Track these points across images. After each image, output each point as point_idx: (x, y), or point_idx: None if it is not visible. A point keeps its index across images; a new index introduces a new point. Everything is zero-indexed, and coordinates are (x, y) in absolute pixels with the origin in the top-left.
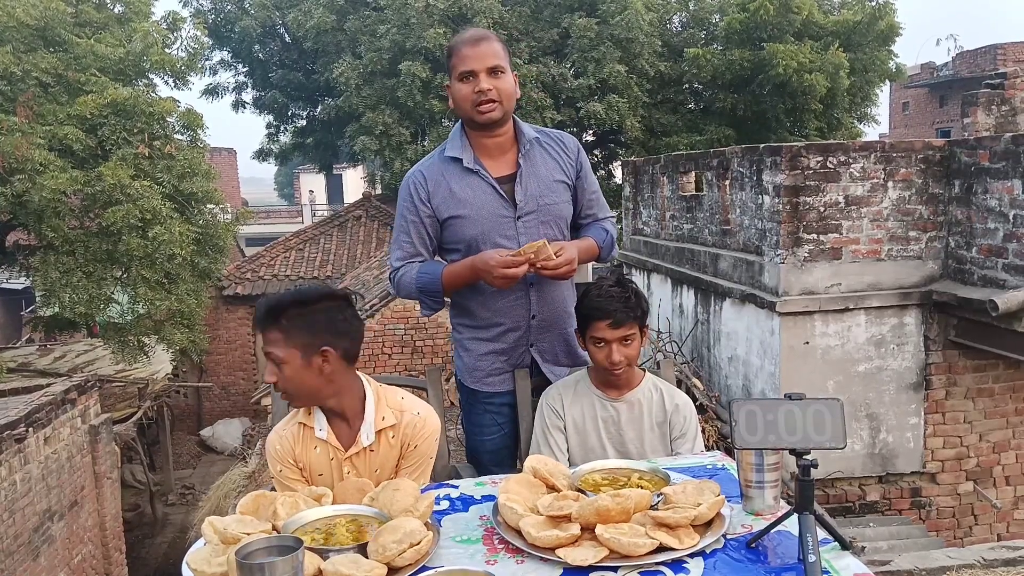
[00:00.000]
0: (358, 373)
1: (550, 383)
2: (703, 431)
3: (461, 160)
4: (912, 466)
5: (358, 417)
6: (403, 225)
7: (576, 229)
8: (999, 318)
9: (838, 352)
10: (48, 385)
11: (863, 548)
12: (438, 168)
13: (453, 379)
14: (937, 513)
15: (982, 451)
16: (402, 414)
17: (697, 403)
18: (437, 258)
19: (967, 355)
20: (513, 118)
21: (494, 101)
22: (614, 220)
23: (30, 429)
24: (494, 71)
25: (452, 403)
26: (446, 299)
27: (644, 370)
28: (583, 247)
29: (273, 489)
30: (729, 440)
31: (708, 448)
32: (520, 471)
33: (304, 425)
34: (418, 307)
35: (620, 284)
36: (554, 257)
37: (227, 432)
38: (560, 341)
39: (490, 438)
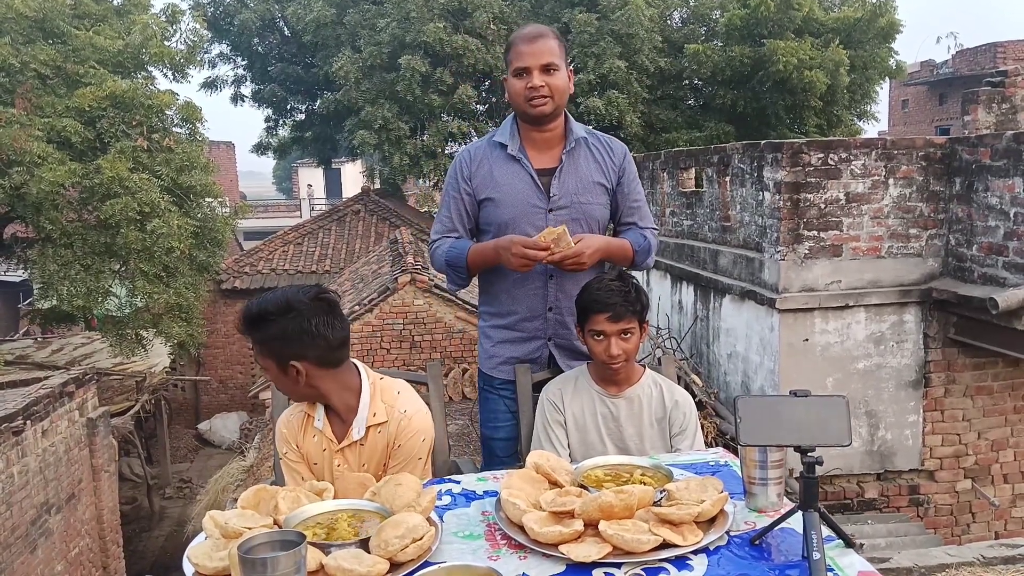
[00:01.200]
0: (356, 364)
1: None
2: (702, 428)
3: (506, 146)
4: (910, 464)
5: (352, 411)
6: (446, 200)
7: (616, 235)
8: (999, 316)
9: (837, 349)
10: (46, 378)
11: (862, 545)
12: (485, 150)
13: (453, 375)
14: (935, 511)
15: (980, 449)
16: (392, 411)
17: (696, 400)
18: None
19: (966, 353)
20: (566, 115)
21: (545, 96)
22: (656, 232)
23: (28, 422)
24: (548, 68)
25: (451, 398)
26: (471, 277)
27: (644, 366)
28: (614, 245)
29: (273, 483)
30: (728, 437)
31: (707, 445)
32: (520, 466)
33: (307, 414)
34: (416, 302)
35: (621, 278)
36: (570, 246)
37: (224, 426)
38: (577, 339)
39: (503, 425)
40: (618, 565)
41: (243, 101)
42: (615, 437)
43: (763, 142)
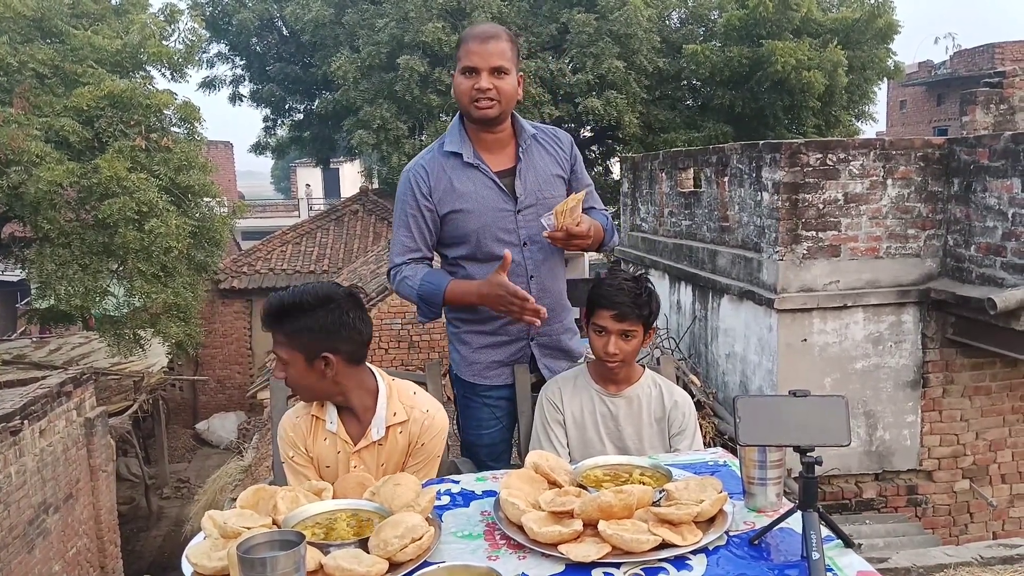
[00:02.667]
0: (370, 367)
1: (545, 380)
2: (700, 428)
3: (461, 155)
4: (908, 464)
5: (368, 411)
6: (403, 220)
7: None
8: (997, 316)
9: (835, 349)
10: (43, 378)
11: (859, 545)
12: (439, 162)
13: (448, 375)
14: (933, 511)
15: (978, 449)
16: (412, 410)
17: (694, 400)
18: (436, 262)
19: (964, 353)
20: (512, 114)
21: (492, 100)
22: (608, 214)
23: (25, 422)
24: (497, 71)
25: (449, 398)
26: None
27: (643, 366)
28: (595, 225)
29: (271, 483)
30: (726, 436)
31: (706, 445)
32: (517, 465)
33: (316, 417)
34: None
35: (636, 280)
36: (580, 219)
37: (222, 426)
38: (559, 336)
39: (488, 432)
40: (617, 565)
41: (241, 101)
42: (614, 436)
43: (761, 142)
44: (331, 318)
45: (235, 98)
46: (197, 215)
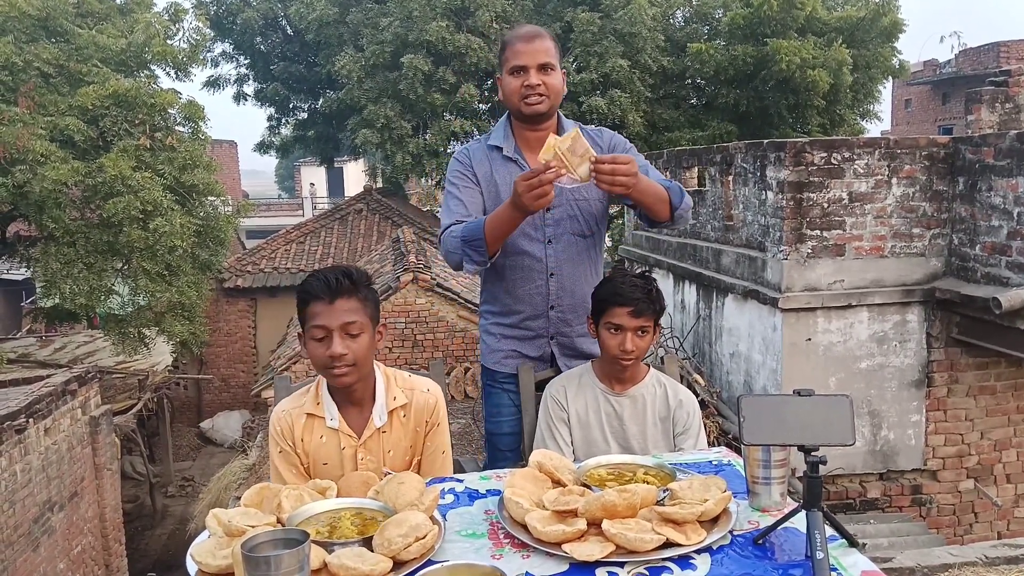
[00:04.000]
0: None
1: None
2: (704, 427)
3: (502, 149)
4: (913, 463)
5: (370, 400)
6: (453, 192)
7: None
8: (1002, 316)
9: (840, 349)
10: (48, 376)
11: (864, 545)
12: (482, 152)
13: (455, 374)
14: (938, 510)
15: (983, 449)
16: (412, 392)
17: (699, 399)
18: None
19: (969, 353)
20: (558, 114)
21: (541, 95)
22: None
23: (30, 420)
24: (544, 67)
25: (452, 397)
26: (494, 250)
27: (648, 365)
28: (649, 181)
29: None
30: (730, 436)
31: (710, 444)
32: (521, 464)
33: (312, 416)
34: (419, 301)
35: (643, 277)
36: (588, 149)
37: (227, 424)
38: (579, 339)
39: (507, 420)
40: (621, 564)
41: (245, 100)
42: (618, 435)
43: (766, 141)
44: (375, 292)
45: (239, 97)
46: (201, 214)
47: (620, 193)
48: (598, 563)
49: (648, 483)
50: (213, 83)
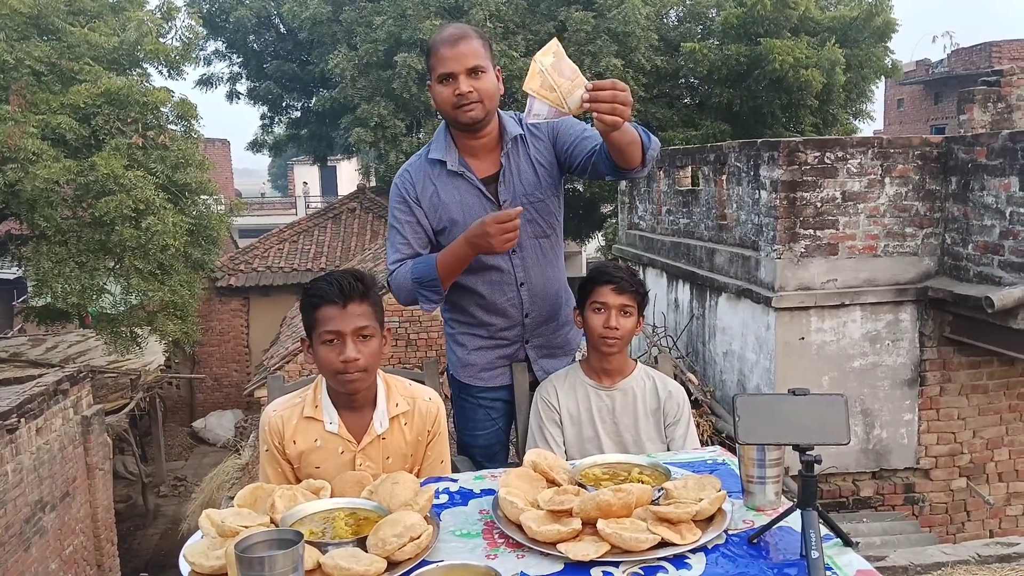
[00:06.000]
0: None
1: (539, 381)
2: (698, 426)
3: (446, 163)
4: (906, 462)
5: (371, 406)
6: (397, 227)
7: (589, 160)
8: (994, 315)
9: (833, 348)
10: (40, 375)
11: (857, 544)
12: (424, 170)
13: (445, 373)
14: (930, 509)
15: (975, 448)
16: (414, 400)
17: (692, 398)
18: None
19: (962, 352)
20: (499, 114)
21: (474, 102)
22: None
23: (22, 420)
24: (474, 71)
25: (446, 396)
26: (445, 290)
27: (636, 360)
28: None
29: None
30: (724, 435)
31: (703, 443)
32: (511, 465)
33: (310, 419)
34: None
35: (627, 267)
36: (576, 72)
37: (219, 424)
38: (554, 334)
39: (483, 432)
40: (616, 564)
41: (238, 98)
42: (611, 430)
43: (759, 141)
44: (380, 297)
45: (232, 96)
46: (194, 213)
47: (613, 125)
48: (593, 563)
49: (643, 482)
50: (206, 81)
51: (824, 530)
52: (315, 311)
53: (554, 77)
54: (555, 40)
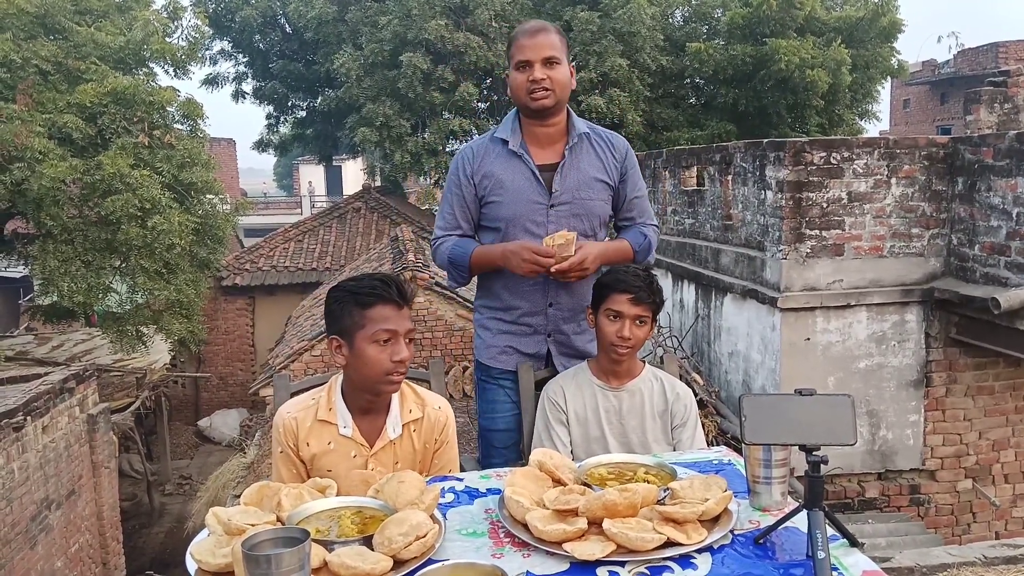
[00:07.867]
0: None
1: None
2: (703, 427)
3: (508, 142)
4: (911, 463)
5: (384, 411)
6: (448, 197)
7: (616, 231)
8: (1001, 316)
9: (839, 348)
10: (46, 374)
11: (863, 544)
12: (486, 147)
13: (454, 372)
14: (936, 510)
15: (981, 449)
16: (426, 407)
17: (697, 398)
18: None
19: (968, 353)
20: (568, 110)
21: (547, 89)
22: (657, 228)
23: (28, 418)
24: (549, 61)
25: (451, 396)
26: (472, 277)
27: (644, 362)
28: (612, 248)
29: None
30: (729, 436)
31: (709, 444)
32: (522, 463)
33: (324, 422)
34: (417, 300)
35: (645, 270)
36: (570, 255)
37: (225, 422)
38: (578, 335)
39: (502, 416)
40: (622, 563)
41: (244, 98)
42: (617, 431)
43: (765, 141)
44: None
45: (238, 95)
46: (200, 212)
47: (580, 278)
48: (599, 562)
49: (649, 482)
50: (212, 81)
51: (830, 531)
52: (366, 310)
53: (556, 251)
54: (573, 236)
